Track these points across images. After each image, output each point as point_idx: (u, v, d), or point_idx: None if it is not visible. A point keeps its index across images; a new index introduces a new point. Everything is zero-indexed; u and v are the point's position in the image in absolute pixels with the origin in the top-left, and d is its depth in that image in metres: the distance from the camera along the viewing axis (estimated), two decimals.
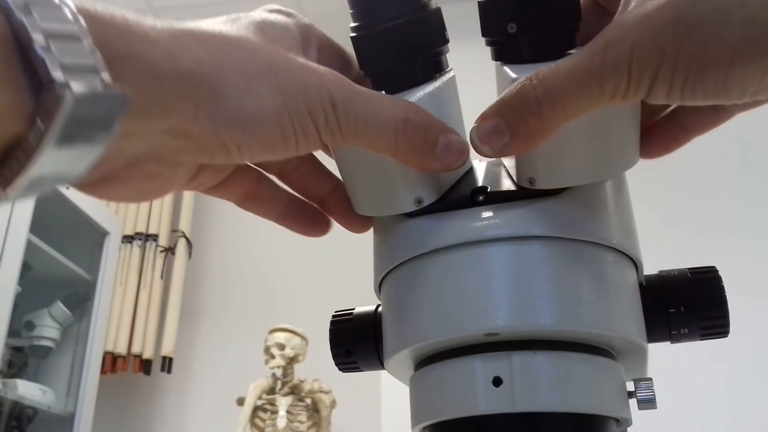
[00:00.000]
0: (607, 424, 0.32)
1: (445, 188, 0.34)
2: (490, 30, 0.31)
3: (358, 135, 0.29)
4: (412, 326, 0.33)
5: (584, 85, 0.27)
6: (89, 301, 2.21)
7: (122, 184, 0.27)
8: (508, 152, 0.29)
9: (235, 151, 0.27)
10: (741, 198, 2.07)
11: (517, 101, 0.28)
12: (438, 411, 0.33)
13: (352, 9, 0.32)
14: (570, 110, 0.27)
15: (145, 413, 2.53)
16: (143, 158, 0.26)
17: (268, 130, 0.27)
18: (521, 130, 0.28)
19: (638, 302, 0.34)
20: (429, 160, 0.30)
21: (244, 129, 0.27)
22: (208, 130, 0.26)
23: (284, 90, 0.27)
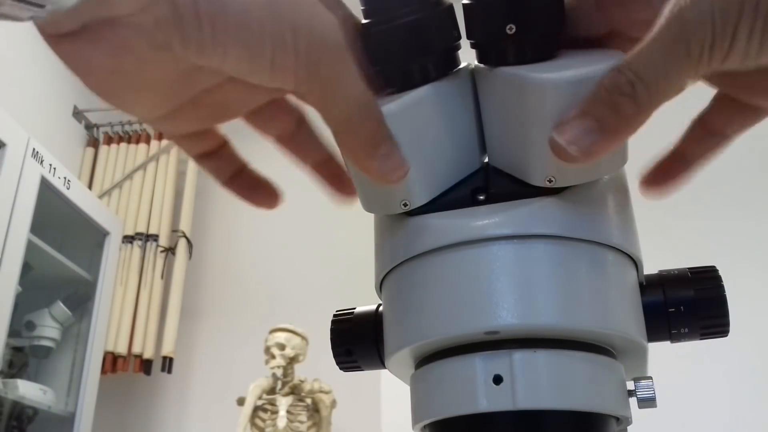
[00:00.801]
0: (607, 423, 0.32)
1: (436, 192, 0.34)
2: (476, 32, 0.31)
3: (327, 88, 0.28)
4: (413, 325, 0.33)
5: (672, 53, 0.26)
6: (89, 301, 2.21)
7: (93, 47, 0.26)
8: (597, 151, 0.28)
9: (209, 34, 0.26)
10: (742, 198, 2.07)
11: (606, 92, 0.27)
12: (438, 409, 0.33)
13: (363, 5, 0.32)
14: (662, 86, 0.27)
15: (145, 413, 2.53)
16: (122, 20, 0.25)
17: (247, 20, 0.26)
18: (615, 121, 0.28)
19: (638, 301, 0.34)
20: (368, 158, 0.30)
21: (223, 10, 0.26)
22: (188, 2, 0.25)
23: (277, 8, 0.27)
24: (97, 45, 0.26)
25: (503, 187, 0.33)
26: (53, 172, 1.98)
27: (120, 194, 2.65)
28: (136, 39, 0.26)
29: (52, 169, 1.98)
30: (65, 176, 2.05)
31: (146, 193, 2.63)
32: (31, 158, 1.88)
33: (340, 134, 0.30)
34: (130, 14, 0.25)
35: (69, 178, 2.07)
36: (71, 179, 2.08)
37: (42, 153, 1.93)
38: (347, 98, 0.29)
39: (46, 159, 1.95)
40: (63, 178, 2.03)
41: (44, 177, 1.93)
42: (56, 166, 2.00)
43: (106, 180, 2.68)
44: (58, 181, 2.01)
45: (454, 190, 0.34)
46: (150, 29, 0.26)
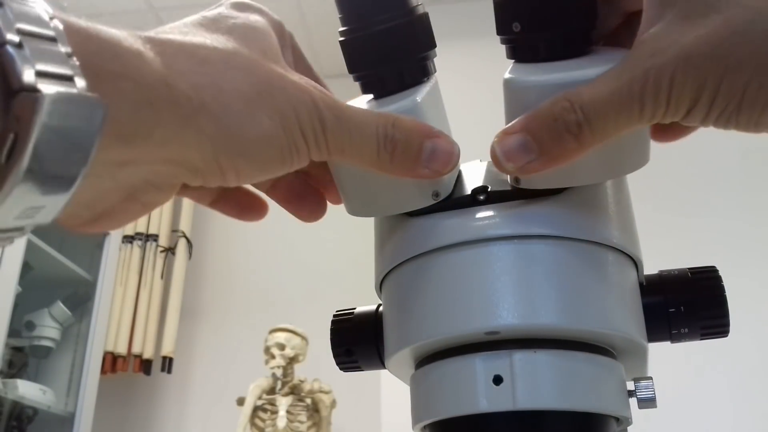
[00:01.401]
0: (607, 423, 0.32)
1: (452, 184, 0.34)
2: (501, 29, 0.31)
3: (343, 151, 0.29)
4: (413, 325, 0.33)
5: (624, 110, 0.27)
6: (89, 301, 2.21)
7: (117, 219, 0.27)
8: (531, 170, 0.29)
9: (232, 175, 0.27)
10: (742, 198, 2.07)
11: (553, 121, 0.28)
12: (438, 409, 0.33)
13: (341, 13, 0.33)
14: (608, 132, 0.28)
15: (145, 413, 2.53)
16: (140, 189, 0.26)
17: (268, 153, 0.27)
18: (554, 150, 0.28)
19: (638, 302, 0.34)
20: (415, 169, 0.30)
21: (246, 155, 0.26)
22: (209, 157, 0.26)
23: (280, 111, 0.27)
24: (121, 218, 0.27)
25: (503, 188, 0.33)
26: None
27: None
28: (157, 196, 0.27)
29: None
30: None
31: None
32: None
33: (381, 169, 0.30)
34: (146, 182, 0.25)
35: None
36: None
37: None
38: (366, 143, 0.29)
39: None
40: None
41: None
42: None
43: None
44: None
45: (454, 191, 0.34)
46: (169, 184, 0.27)
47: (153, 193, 0.27)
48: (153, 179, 0.26)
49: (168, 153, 0.25)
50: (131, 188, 0.25)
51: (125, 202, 0.26)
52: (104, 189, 0.24)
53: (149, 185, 0.26)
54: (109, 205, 0.25)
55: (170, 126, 0.24)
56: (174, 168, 0.26)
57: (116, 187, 0.24)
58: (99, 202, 0.25)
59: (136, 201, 0.26)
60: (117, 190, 0.25)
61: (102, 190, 0.24)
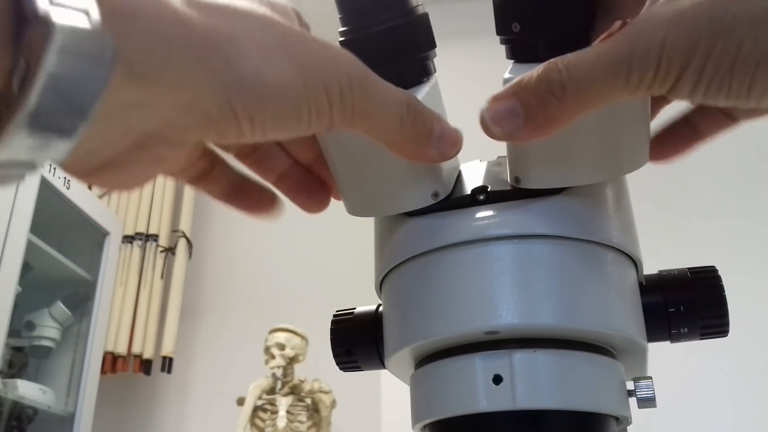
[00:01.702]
0: (606, 423, 0.32)
1: (452, 185, 0.34)
2: (501, 29, 0.31)
3: (368, 116, 0.28)
4: (413, 325, 0.33)
5: (611, 72, 0.26)
6: (89, 301, 2.21)
7: (126, 171, 0.26)
8: (518, 136, 0.29)
9: (247, 125, 0.26)
10: (742, 197, 2.07)
11: (538, 84, 0.28)
12: (438, 409, 0.33)
13: (340, 13, 0.32)
14: (592, 98, 0.27)
15: (145, 413, 2.53)
16: (151, 139, 0.25)
17: (284, 102, 0.26)
18: (539, 115, 0.28)
19: (638, 301, 0.34)
20: (426, 148, 0.30)
21: (261, 100, 0.25)
22: (222, 101, 0.25)
23: (301, 63, 0.26)
24: (130, 169, 0.26)
25: (503, 187, 0.33)
26: (53, 172, 1.98)
27: (120, 194, 2.65)
28: (167, 150, 0.26)
29: (52, 168, 1.98)
30: (65, 176, 2.05)
31: (146, 192, 2.63)
32: None
33: (394, 144, 0.30)
34: (157, 132, 0.24)
35: (69, 177, 2.07)
36: (71, 179, 2.08)
37: None
38: (390, 113, 0.29)
39: None
40: (63, 178, 2.03)
41: (44, 177, 1.93)
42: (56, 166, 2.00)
43: None
44: (58, 181, 2.00)
45: (454, 191, 0.34)
46: (181, 138, 0.25)
47: (164, 145, 0.25)
48: (163, 129, 0.25)
49: (180, 96, 0.24)
50: (141, 135, 0.24)
51: (135, 152, 0.25)
52: (113, 134, 0.23)
53: (160, 136, 0.25)
54: (118, 151, 0.24)
55: (183, 67, 0.23)
56: (185, 116, 0.24)
57: (125, 132, 0.24)
58: (107, 147, 0.24)
59: (147, 151, 0.25)
60: (126, 136, 0.24)
61: (110, 134, 0.23)
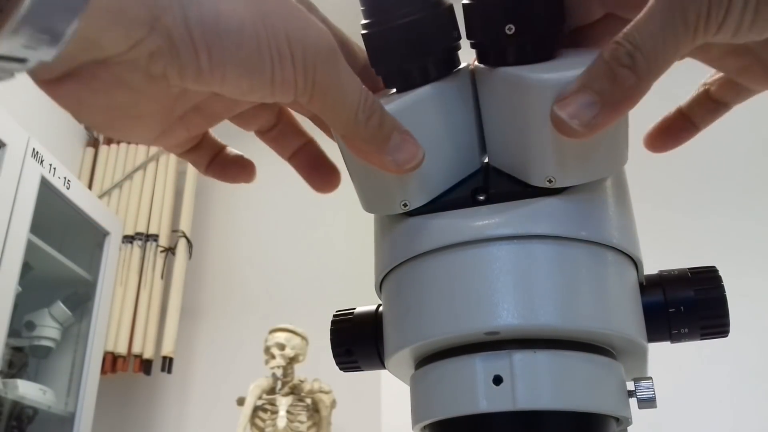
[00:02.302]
0: (606, 423, 0.32)
1: (435, 193, 0.34)
2: (475, 32, 0.31)
3: (326, 93, 0.28)
4: (413, 325, 0.33)
5: (669, 23, 0.26)
6: (89, 301, 2.21)
7: (87, 88, 0.25)
8: (598, 124, 0.28)
9: (204, 57, 0.25)
10: (742, 198, 2.07)
11: (605, 65, 0.27)
12: (438, 409, 0.33)
13: (363, 6, 0.32)
14: (661, 56, 0.27)
15: (145, 413, 2.53)
16: (116, 58, 0.25)
17: (243, 39, 0.26)
18: (615, 93, 0.27)
19: (638, 302, 0.34)
20: (381, 153, 0.30)
21: (217, 32, 0.25)
22: (180, 24, 0.25)
23: (264, 10, 0.26)
24: (92, 85, 0.26)
25: (503, 188, 0.33)
26: (53, 172, 1.98)
27: (120, 194, 2.64)
28: (130, 74, 0.26)
29: (52, 169, 1.98)
30: (65, 176, 2.05)
31: (146, 193, 2.63)
32: (31, 158, 1.88)
33: (348, 136, 0.30)
34: (122, 52, 0.25)
35: (69, 178, 2.07)
36: (71, 179, 2.08)
37: (42, 153, 1.93)
38: (347, 99, 0.29)
39: (46, 159, 1.95)
40: (63, 178, 2.03)
41: (44, 177, 1.93)
42: (56, 166, 2.00)
43: (106, 180, 2.68)
44: (58, 181, 2.00)
45: (454, 191, 0.34)
46: (144, 63, 0.25)
47: (127, 66, 0.25)
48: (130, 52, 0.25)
49: (147, 12, 0.24)
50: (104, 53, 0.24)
51: (97, 66, 0.25)
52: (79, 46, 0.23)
53: (124, 56, 0.25)
54: (82, 62, 0.25)
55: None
56: (150, 37, 0.24)
57: (88, 43, 0.24)
58: (72, 55, 0.24)
59: (109, 69, 0.25)
60: (90, 48, 0.24)
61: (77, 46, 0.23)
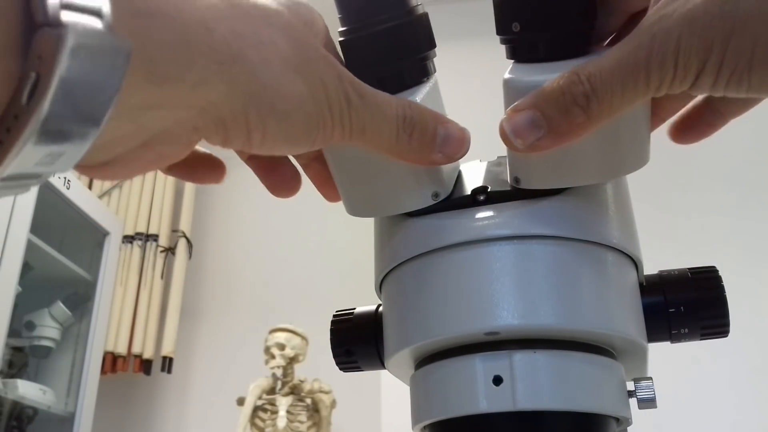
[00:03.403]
0: (607, 423, 0.32)
1: (452, 185, 0.34)
2: (501, 29, 0.31)
3: (364, 131, 0.29)
4: (413, 325, 0.33)
5: (631, 79, 0.27)
6: (89, 301, 2.21)
7: (129, 167, 0.25)
8: (540, 147, 0.29)
9: (258, 136, 0.26)
10: (743, 197, 2.07)
11: (561, 95, 0.28)
12: (438, 410, 0.33)
13: (340, 13, 0.32)
14: (616, 104, 0.27)
15: (145, 413, 2.53)
16: (160, 138, 0.24)
17: (298, 118, 0.26)
18: (563, 125, 0.28)
19: (638, 302, 0.34)
20: (430, 154, 0.30)
21: (277, 115, 0.25)
22: (238, 110, 0.24)
23: (312, 78, 0.26)
24: (132, 166, 0.25)
25: (503, 188, 0.33)
26: None
27: (120, 194, 2.64)
28: (170, 149, 0.25)
29: None
30: (65, 176, 2.05)
31: (146, 193, 2.63)
32: None
33: (397, 156, 0.30)
34: (167, 131, 0.24)
35: (69, 178, 2.07)
36: (71, 179, 2.08)
37: None
38: (386, 127, 0.29)
39: None
40: (63, 178, 2.03)
41: None
42: None
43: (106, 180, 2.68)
44: (58, 181, 2.00)
45: (454, 191, 0.34)
46: (188, 138, 0.25)
47: (171, 143, 0.25)
48: (174, 127, 0.24)
49: (197, 99, 0.23)
50: (150, 134, 0.24)
51: (141, 149, 0.24)
52: (123, 132, 0.23)
53: (169, 134, 0.24)
54: (125, 150, 0.24)
55: (204, 71, 0.23)
56: (198, 116, 0.24)
57: (136, 131, 0.23)
58: (115, 145, 0.23)
59: (152, 150, 0.25)
60: (136, 135, 0.24)
61: (121, 133, 0.23)
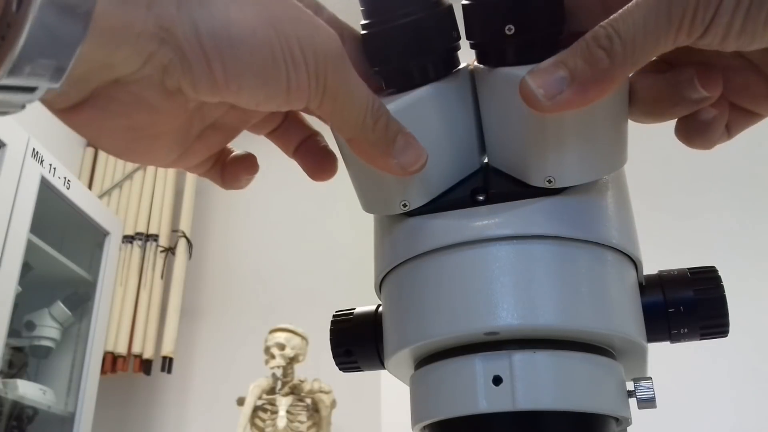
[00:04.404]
0: (606, 424, 0.32)
1: (435, 193, 0.34)
2: (475, 33, 0.31)
3: (336, 98, 0.28)
4: (413, 325, 0.33)
5: (652, 15, 0.26)
6: (89, 301, 2.21)
7: (105, 112, 0.26)
8: (564, 102, 0.28)
9: (219, 69, 0.25)
10: (741, 198, 2.07)
11: (584, 43, 0.27)
12: (438, 410, 0.33)
13: (363, 6, 0.32)
14: (639, 46, 0.27)
15: (145, 413, 2.53)
16: (132, 78, 0.25)
17: (256, 46, 0.26)
18: (587, 73, 0.27)
19: (638, 302, 0.34)
20: (386, 156, 0.30)
21: (230, 41, 0.25)
22: (190, 34, 0.24)
23: (273, 15, 0.26)
24: (109, 108, 0.26)
25: (503, 188, 0.33)
26: (53, 172, 1.98)
27: (120, 194, 2.65)
28: (146, 91, 0.26)
29: (52, 169, 1.98)
30: (65, 176, 2.05)
31: (146, 193, 2.63)
32: (31, 158, 1.88)
33: (354, 140, 0.30)
34: (136, 69, 0.25)
35: (69, 178, 2.07)
36: (71, 179, 2.08)
37: (42, 153, 1.93)
38: (356, 104, 0.29)
39: (46, 159, 1.95)
40: (63, 178, 2.03)
41: (44, 177, 1.93)
42: (56, 166, 2.00)
43: (106, 180, 2.68)
44: (58, 181, 2.00)
45: (453, 191, 0.34)
46: (158, 78, 0.25)
47: (143, 84, 0.25)
48: (145, 68, 0.25)
49: (153, 22, 0.24)
50: (121, 70, 0.25)
51: (114, 87, 0.25)
52: (96, 60, 0.23)
53: (140, 74, 0.25)
54: (98, 84, 0.25)
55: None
56: (161, 49, 0.24)
57: (106, 61, 0.24)
58: (89, 78, 0.24)
59: (124, 88, 0.25)
60: (107, 70, 0.24)
61: (93, 62, 0.23)
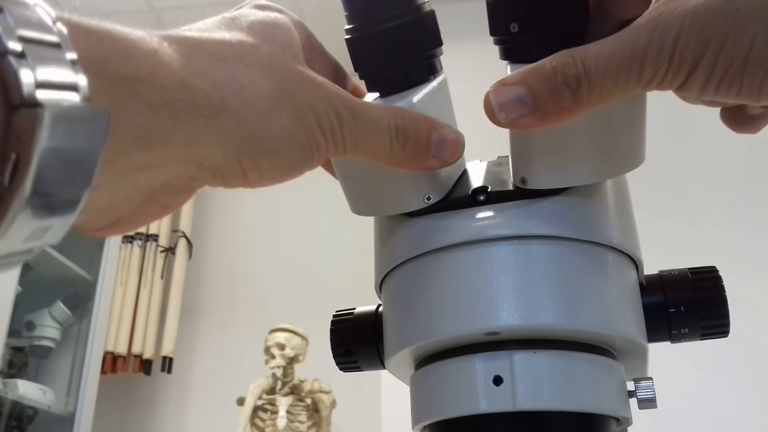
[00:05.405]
0: (607, 424, 0.32)
1: (449, 186, 0.34)
2: (496, 29, 0.31)
3: (357, 146, 0.29)
4: (413, 325, 0.33)
5: (624, 67, 0.26)
6: (89, 301, 2.21)
7: (134, 222, 0.26)
8: (523, 125, 0.28)
9: (255, 176, 0.26)
10: (743, 197, 2.07)
11: (552, 74, 0.27)
12: (438, 410, 0.33)
13: (346, 11, 0.32)
14: (606, 92, 0.27)
15: (145, 413, 2.53)
16: (159, 192, 0.25)
17: (290, 151, 0.26)
18: (549, 105, 0.28)
19: (638, 302, 0.34)
20: (424, 160, 0.30)
21: (269, 153, 0.26)
22: (231, 158, 0.25)
23: (300, 107, 0.27)
24: (138, 221, 0.26)
25: (503, 188, 0.33)
26: None
27: None
28: (174, 199, 0.26)
29: None
30: None
31: None
32: None
33: (392, 165, 0.30)
34: (165, 185, 0.25)
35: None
36: None
37: None
38: (379, 139, 0.29)
39: None
40: None
41: None
42: None
43: None
44: None
45: (454, 191, 0.34)
46: (188, 188, 0.26)
47: (172, 195, 0.26)
48: (172, 181, 0.25)
49: (188, 154, 0.24)
50: (150, 192, 0.25)
51: (143, 206, 0.25)
52: (123, 195, 0.24)
53: (168, 188, 0.25)
54: (128, 210, 0.25)
55: (190, 127, 0.23)
56: (194, 169, 0.25)
57: (135, 192, 0.24)
58: (117, 207, 0.24)
59: (155, 203, 0.26)
60: (136, 195, 0.24)
61: (120, 196, 0.24)
